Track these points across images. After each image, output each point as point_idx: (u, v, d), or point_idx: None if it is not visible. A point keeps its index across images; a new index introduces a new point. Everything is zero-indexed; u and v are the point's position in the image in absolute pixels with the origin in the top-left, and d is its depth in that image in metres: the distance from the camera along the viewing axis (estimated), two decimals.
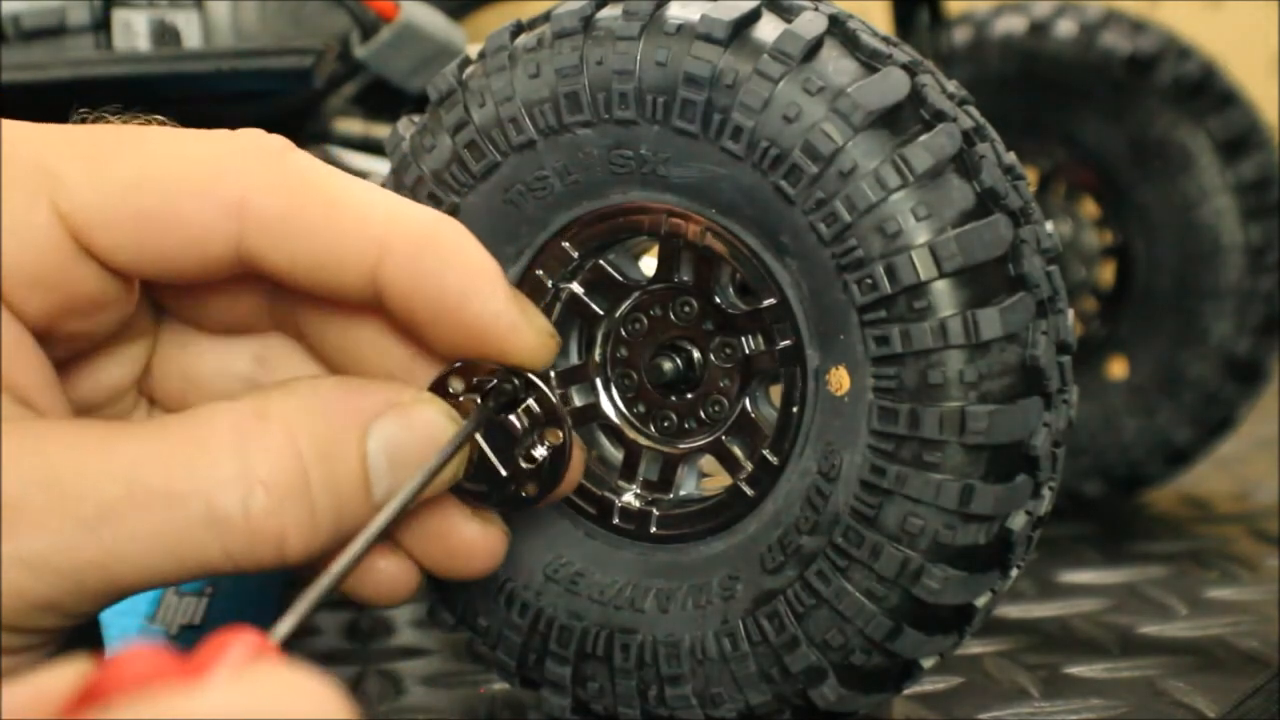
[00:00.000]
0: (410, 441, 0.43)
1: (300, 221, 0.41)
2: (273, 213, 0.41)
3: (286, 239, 0.41)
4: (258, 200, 0.41)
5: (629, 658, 0.50)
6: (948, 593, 0.47)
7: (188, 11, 0.66)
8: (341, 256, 0.42)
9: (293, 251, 0.41)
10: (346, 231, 0.42)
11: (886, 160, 0.46)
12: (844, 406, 0.47)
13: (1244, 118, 0.89)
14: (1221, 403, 0.88)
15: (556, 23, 0.49)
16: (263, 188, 0.41)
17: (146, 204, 0.40)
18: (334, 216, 0.41)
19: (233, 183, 0.41)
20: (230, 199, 0.41)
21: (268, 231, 0.41)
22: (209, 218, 0.41)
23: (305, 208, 0.41)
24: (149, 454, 0.40)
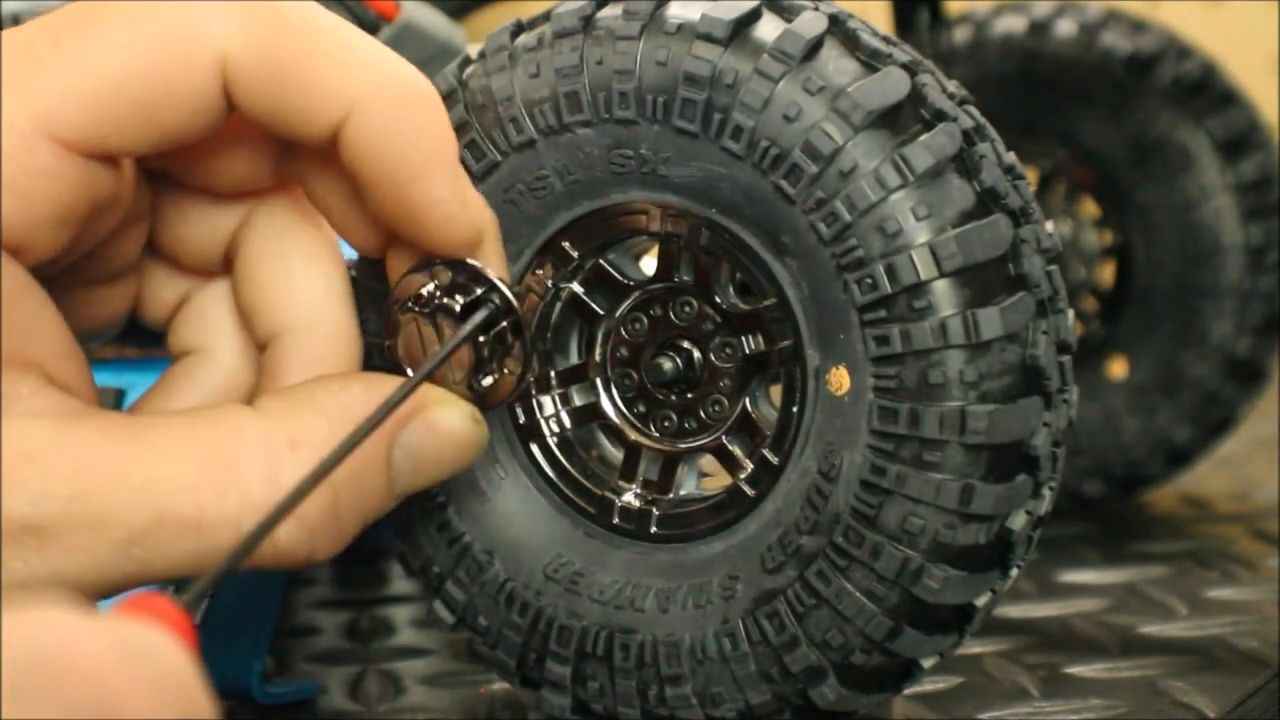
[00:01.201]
0: (434, 446, 0.44)
1: (276, 68, 0.41)
2: (251, 62, 0.41)
3: (263, 88, 0.41)
4: (236, 53, 0.40)
5: (629, 657, 0.50)
6: (948, 592, 0.47)
7: None
8: (310, 107, 0.41)
9: (267, 100, 0.41)
10: (319, 82, 0.41)
11: (887, 160, 0.46)
12: (844, 406, 0.47)
13: (1244, 118, 0.89)
14: (1221, 403, 0.88)
15: (557, 22, 0.49)
16: (242, 39, 0.40)
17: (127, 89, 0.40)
18: (309, 65, 0.41)
19: (212, 41, 0.40)
20: (210, 57, 0.40)
21: (247, 82, 0.41)
22: (199, 82, 0.40)
23: (282, 55, 0.41)
24: (180, 479, 0.40)
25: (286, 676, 0.63)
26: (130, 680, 0.26)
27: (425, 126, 0.43)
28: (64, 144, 0.39)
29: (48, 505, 0.39)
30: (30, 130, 0.39)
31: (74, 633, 0.26)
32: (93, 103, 0.39)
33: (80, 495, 0.39)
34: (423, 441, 0.44)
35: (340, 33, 0.42)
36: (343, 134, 0.42)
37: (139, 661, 0.26)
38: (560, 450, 0.52)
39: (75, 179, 0.40)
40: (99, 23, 0.40)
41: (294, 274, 0.45)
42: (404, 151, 0.42)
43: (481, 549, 0.51)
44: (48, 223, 0.40)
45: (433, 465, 0.45)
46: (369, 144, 0.42)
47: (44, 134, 0.39)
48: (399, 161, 0.42)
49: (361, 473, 0.43)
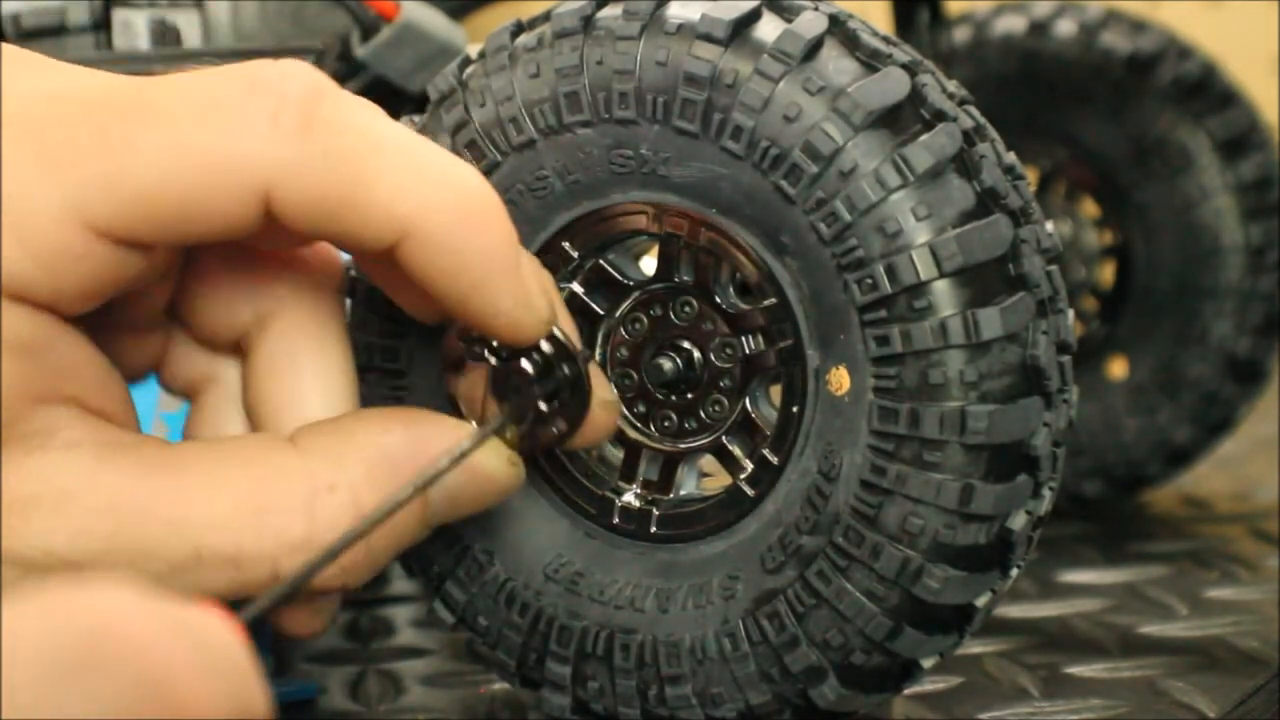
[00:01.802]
0: (473, 489, 0.45)
1: (326, 206, 0.41)
2: (299, 197, 0.40)
3: (311, 219, 0.41)
4: (282, 184, 0.40)
5: (629, 657, 0.50)
6: (948, 592, 0.47)
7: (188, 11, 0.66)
8: (366, 237, 0.41)
9: (314, 226, 0.41)
10: (369, 212, 0.41)
11: (887, 160, 0.46)
12: (844, 406, 0.47)
13: (1244, 118, 0.89)
14: (1221, 402, 0.88)
15: (556, 22, 0.49)
16: (287, 171, 0.40)
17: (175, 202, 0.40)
18: (358, 195, 0.41)
19: (260, 169, 0.40)
20: (254, 187, 0.40)
21: (292, 210, 0.40)
22: (237, 203, 0.40)
23: (329, 188, 0.40)
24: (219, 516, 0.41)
25: (286, 676, 0.63)
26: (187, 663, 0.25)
27: (481, 242, 0.42)
28: (95, 231, 0.39)
29: (87, 541, 0.40)
30: (62, 214, 0.39)
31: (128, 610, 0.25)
32: (126, 202, 0.39)
33: (118, 531, 0.40)
34: (463, 484, 0.45)
35: (391, 146, 0.41)
36: (398, 254, 0.42)
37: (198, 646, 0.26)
38: (560, 450, 0.52)
39: (102, 261, 0.40)
40: (142, 125, 0.40)
41: (304, 387, 0.45)
42: (461, 269, 0.42)
43: (481, 549, 0.51)
44: (74, 295, 0.40)
45: (469, 505, 0.46)
46: (425, 264, 0.42)
47: (76, 220, 0.39)
48: (457, 278, 0.42)
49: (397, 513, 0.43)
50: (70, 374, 0.41)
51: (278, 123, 0.40)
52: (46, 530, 0.39)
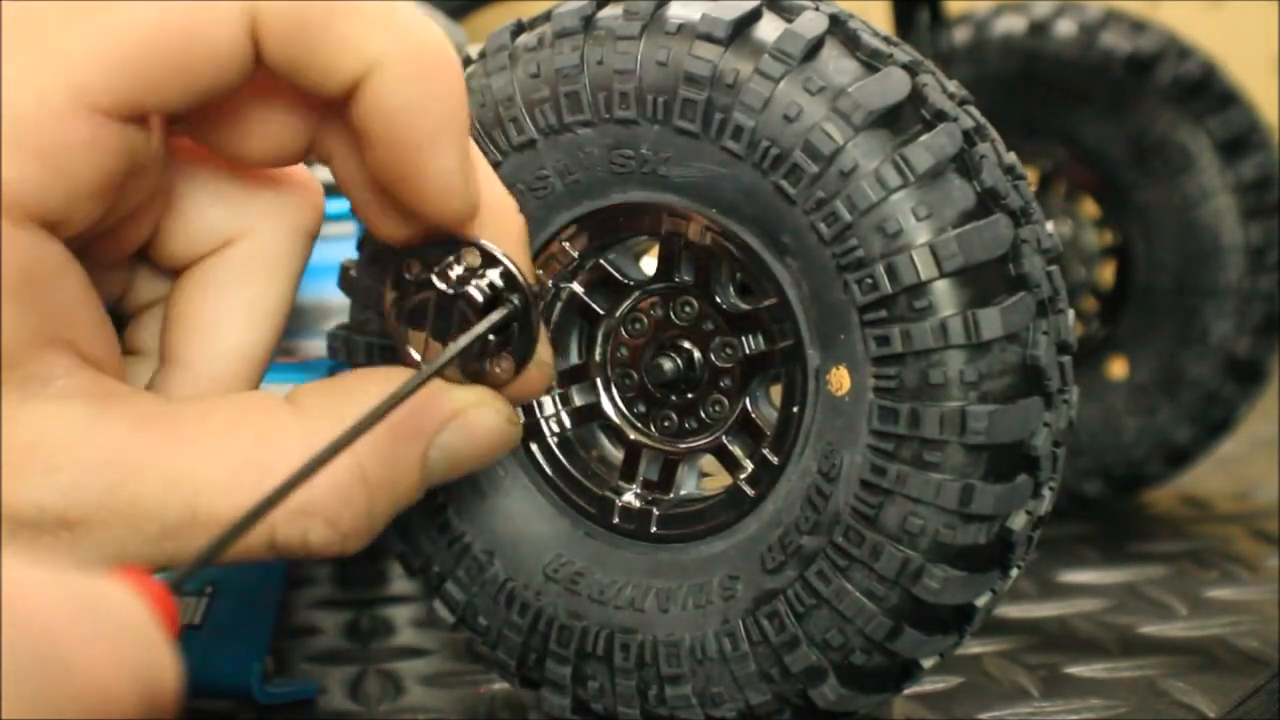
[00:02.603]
0: (471, 447, 0.44)
1: (302, 19, 0.40)
2: (278, 12, 0.40)
3: (288, 38, 0.40)
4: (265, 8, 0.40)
5: (629, 657, 0.50)
6: (948, 592, 0.47)
7: None
8: (332, 60, 0.41)
9: (292, 50, 0.40)
10: (343, 36, 0.40)
11: (887, 160, 0.46)
12: (844, 406, 0.47)
13: (1244, 118, 0.89)
14: (1221, 402, 0.88)
15: (557, 22, 0.49)
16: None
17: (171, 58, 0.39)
18: (335, 18, 0.40)
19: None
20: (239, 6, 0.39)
21: (273, 31, 0.40)
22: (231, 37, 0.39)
23: (310, 13, 0.40)
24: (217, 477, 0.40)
25: (286, 676, 0.63)
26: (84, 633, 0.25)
27: (441, 93, 0.42)
28: (99, 110, 0.38)
29: (81, 496, 0.38)
30: (64, 102, 0.38)
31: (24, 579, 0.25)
32: (125, 64, 0.38)
33: (114, 487, 0.39)
34: (460, 443, 0.44)
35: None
36: (361, 90, 0.41)
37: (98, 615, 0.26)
38: (560, 450, 0.52)
39: (112, 145, 0.39)
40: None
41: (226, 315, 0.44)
42: (419, 115, 0.41)
43: (481, 549, 0.51)
44: (86, 194, 0.39)
45: (468, 462, 0.45)
46: (385, 102, 0.41)
47: (79, 103, 0.38)
48: (412, 124, 0.41)
49: (398, 474, 0.43)
50: (69, 315, 0.40)
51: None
52: (40, 485, 0.38)
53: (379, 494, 0.42)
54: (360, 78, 0.41)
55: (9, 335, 0.38)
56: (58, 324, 0.40)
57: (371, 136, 0.42)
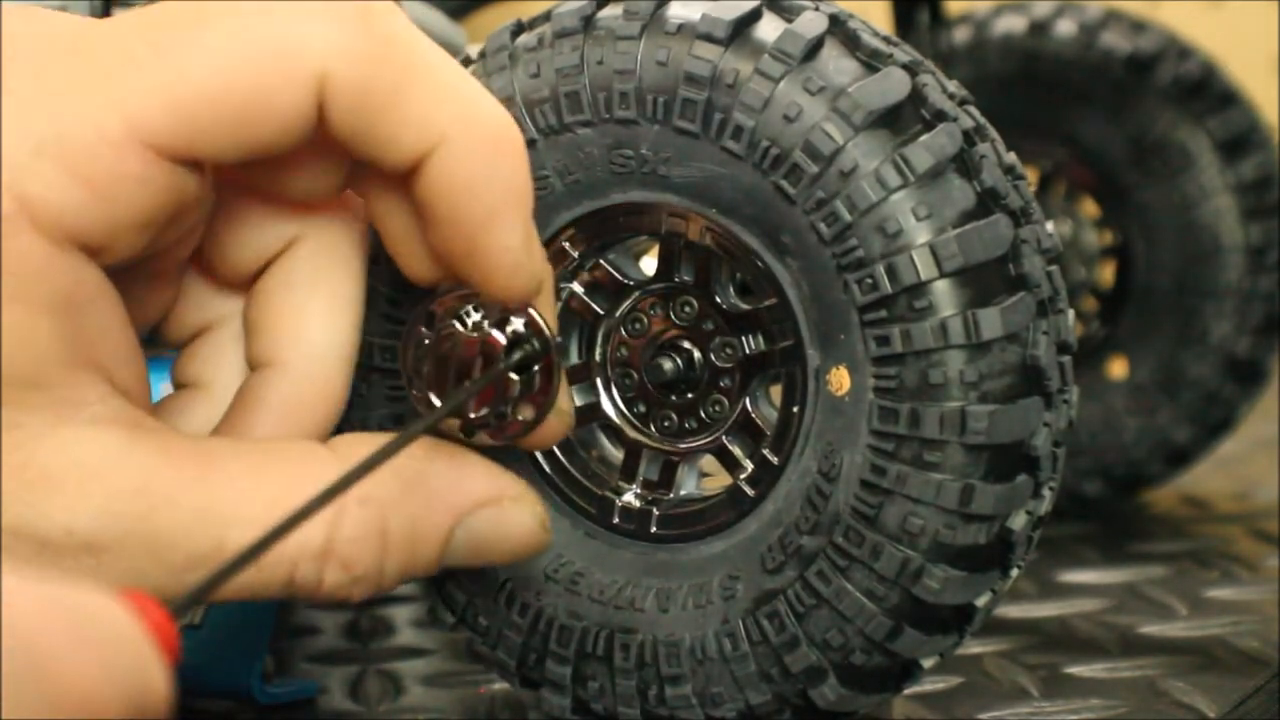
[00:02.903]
0: (497, 539, 0.44)
1: (373, 93, 0.40)
2: (349, 83, 0.40)
3: (357, 110, 0.40)
4: (336, 72, 0.39)
5: (629, 657, 0.50)
6: (948, 593, 0.47)
7: None
8: (399, 135, 0.41)
9: (359, 123, 0.40)
10: (413, 112, 0.40)
11: (887, 160, 0.46)
12: (844, 406, 0.47)
13: (1244, 117, 0.89)
14: (1221, 402, 0.88)
15: (557, 22, 0.49)
16: (343, 59, 0.39)
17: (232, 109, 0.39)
18: (405, 93, 0.40)
19: (315, 57, 0.39)
20: (311, 72, 0.39)
21: (342, 102, 0.40)
22: (296, 98, 0.39)
23: (381, 80, 0.40)
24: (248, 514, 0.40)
25: (286, 676, 0.63)
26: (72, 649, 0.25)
27: (508, 170, 0.42)
28: (153, 149, 0.38)
29: (110, 524, 0.38)
30: (121, 135, 0.38)
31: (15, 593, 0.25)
32: (187, 111, 0.38)
33: (144, 516, 0.39)
34: (489, 531, 0.44)
35: (436, 60, 0.41)
36: (426, 166, 0.41)
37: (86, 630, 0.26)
38: (560, 450, 0.52)
39: (161, 184, 0.39)
40: (199, 27, 0.39)
41: (311, 310, 0.44)
42: (484, 192, 0.41)
43: None
44: (130, 227, 0.39)
45: (489, 555, 0.44)
46: (451, 180, 0.41)
47: (134, 139, 0.38)
48: (477, 201, 0.41)
49: (419, 540, 0.42)
50: (104, 342, 0.40)
51: (340, 13, 0.40)
52: (70, 508, 0.38)
53: (395, 552, 0.42)
54: (425, 154, 0.41)
55: (44, 355, 0.38)
56: (93, 349, 0.40)
57: (435, 212, 0.42)
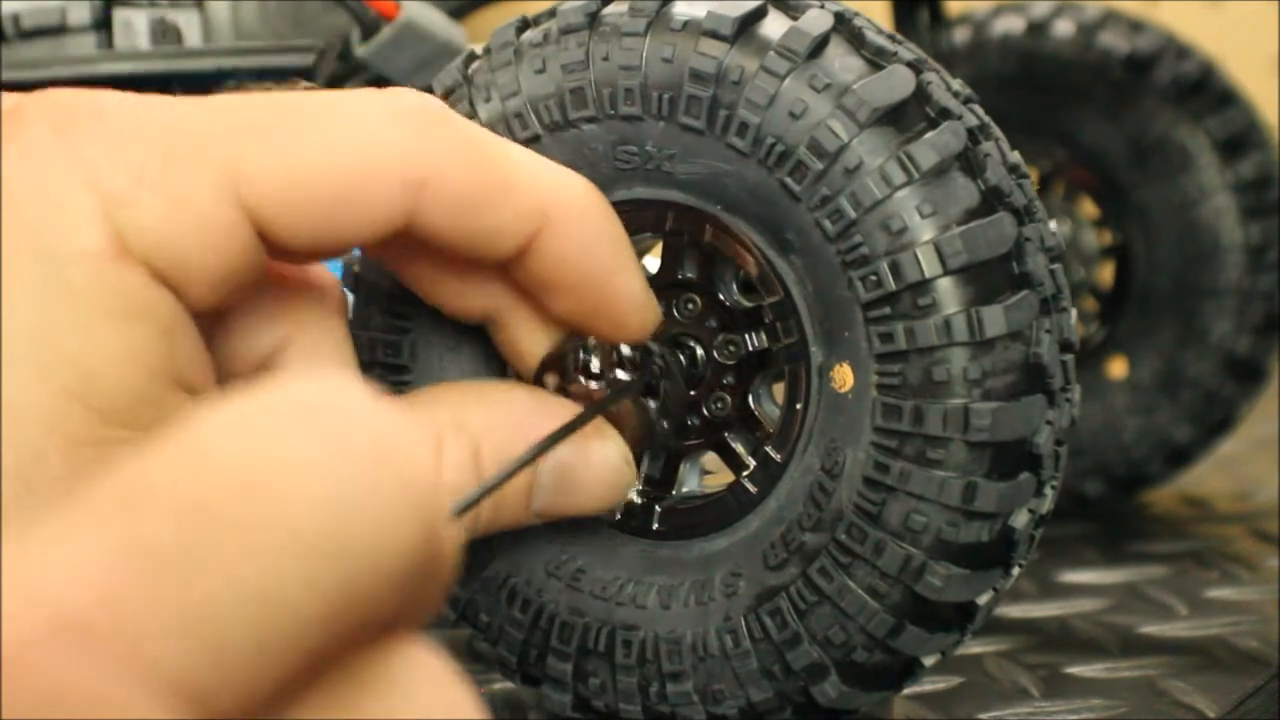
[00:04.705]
0: (583, 474, 0.45)
1: (477, 197, 0.41)
2: (452, 190, 0.41)
3: (461, 213, 0.41)
4: (438, 179, 0.41)
5: (630, 654, 0.50)
6: (950, 590, 0.47)
7: (188, 11, 0.66)
8: (509, 228, 0.42)
9: (463, 224, 0.41)
10: (519, 205, 0.42)
11: (892, 157, 0.46)
12: (847, 403, 0.47)
13: (1243, 117, 0.89)
14: (1222, 402, 0.88)
15: (562, 18, 0.49)
16: (443, 165, 0.41)
17: (332, 193, 0.40)
18: (509, 191, 0.42)
19: (416, 162, 0.40)
20: (413, 179, 0.40)
21: (442, 206, 0.41)
22: (391, 200, 0.40)
23: (483, 183, 0.41)
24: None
25: None
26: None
27: (609, 222, 0.44)
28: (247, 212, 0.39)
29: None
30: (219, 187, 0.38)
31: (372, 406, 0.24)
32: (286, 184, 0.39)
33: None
34: (573, 466, 0.45)
35: (507, 147, 0.43)
36: (536, 246, 0.43)
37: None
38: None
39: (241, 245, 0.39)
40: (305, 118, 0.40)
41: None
42: (599, 250, 0.44)
43: (483, 544, 0.51)
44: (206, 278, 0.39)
45: (576, 494, 0.46)
46: (565, 250, 0.43)
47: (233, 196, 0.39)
48: (595, 260, 0.44)
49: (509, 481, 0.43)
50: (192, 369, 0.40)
51: (429, 122, 0.41)
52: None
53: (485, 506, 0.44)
54: (532, 236, 0.42)
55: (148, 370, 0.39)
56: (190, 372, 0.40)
57: (558, 282, 0.43)
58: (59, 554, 0.21)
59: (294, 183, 0.39)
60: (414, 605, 0.24)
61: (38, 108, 0.39)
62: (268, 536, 0.21)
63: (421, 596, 0.24)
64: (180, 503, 0.21)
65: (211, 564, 0.21)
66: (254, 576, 0.21)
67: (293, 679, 0.22)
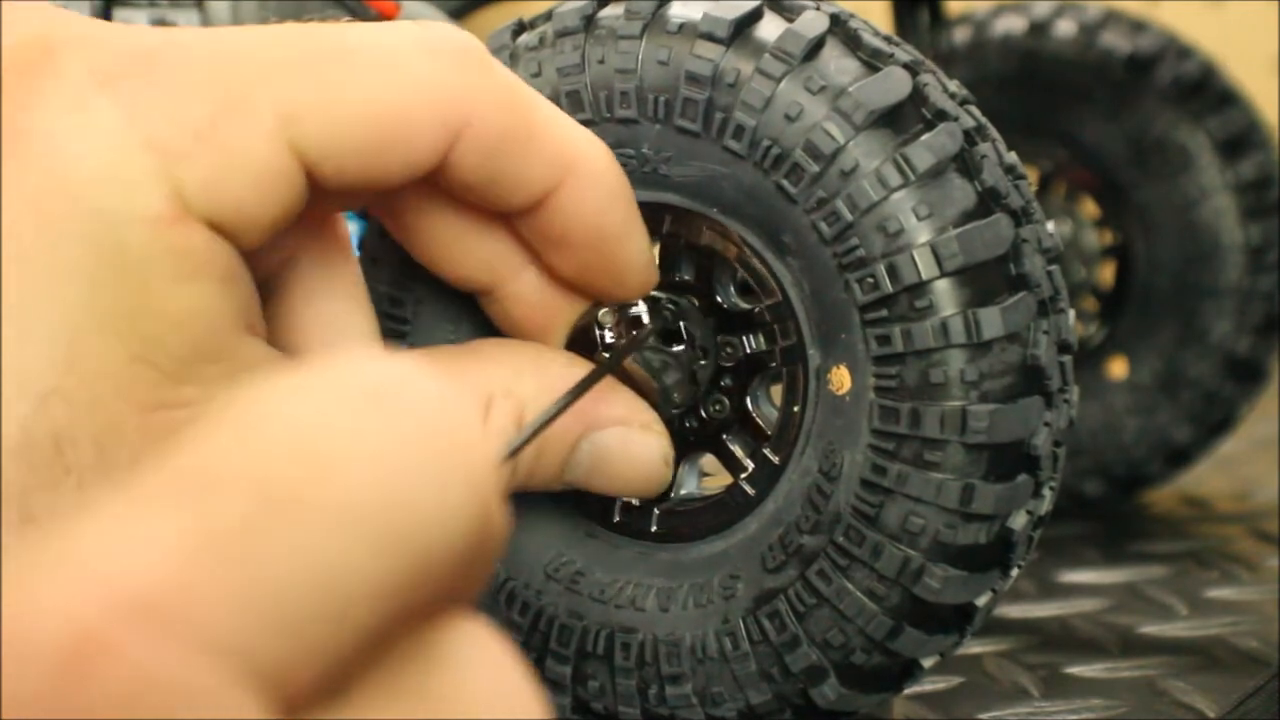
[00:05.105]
0: (618, 458, 0.46)
1: (510, 142, 0.41)
2: (488, 133, 0.41)
3: (492, 156, 0.41)
4: (479, 120, 0.41)
5: (629, 657, 0.50)
6: (948, 592, 0.47)
7: (188, 11, 0.66)
8: (535, 176, 0.42)
9: (492, 167, 0.41)
10: (546, 155, 0.42)
11: (888, 159, 0.46)
12: (845, 405, 0.47)
13: (1243, 117, 0.89)
14: (1221, 402, 0.88)
15: (558, 21, 0.49)
16: (482, 107, 0.41)
17: (379, 133, 0.39)
18: (539, 139, 0.42)
19: (458, 104, 0.40)
20: (455, 120, 0.40)
21: (476, 148, 0.41)
22: (434, 140, 0.40)
23: (516, 128, 0.41)
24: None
25: None
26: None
27: (625, 188, 0.45)
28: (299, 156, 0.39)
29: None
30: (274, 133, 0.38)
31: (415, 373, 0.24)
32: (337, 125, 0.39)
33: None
34: (614, 451, 0.46)
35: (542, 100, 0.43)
36: (555, 197, 0.43)
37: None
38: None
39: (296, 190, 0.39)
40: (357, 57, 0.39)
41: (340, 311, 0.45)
42: (615, 209, 0.44)
43: None
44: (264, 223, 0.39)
45: (607, 476, 0.47)
46: (583, 204, 0.43)
47: (285, 140, 0.38)
48: (610, 219, 0.44)
49: (549, 440, 0.45)
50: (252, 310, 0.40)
51: (470, 60, 0.41)
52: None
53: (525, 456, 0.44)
54: (554, 187, 0.43)
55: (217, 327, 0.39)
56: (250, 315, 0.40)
57: (570, 236, 0.44)
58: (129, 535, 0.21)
59: (343, 124, 0.39)
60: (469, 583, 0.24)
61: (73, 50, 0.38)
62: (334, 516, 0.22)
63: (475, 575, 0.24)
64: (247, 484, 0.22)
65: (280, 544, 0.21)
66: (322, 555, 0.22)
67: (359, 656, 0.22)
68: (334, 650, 0.22)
